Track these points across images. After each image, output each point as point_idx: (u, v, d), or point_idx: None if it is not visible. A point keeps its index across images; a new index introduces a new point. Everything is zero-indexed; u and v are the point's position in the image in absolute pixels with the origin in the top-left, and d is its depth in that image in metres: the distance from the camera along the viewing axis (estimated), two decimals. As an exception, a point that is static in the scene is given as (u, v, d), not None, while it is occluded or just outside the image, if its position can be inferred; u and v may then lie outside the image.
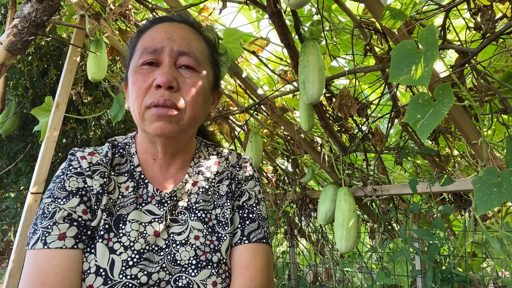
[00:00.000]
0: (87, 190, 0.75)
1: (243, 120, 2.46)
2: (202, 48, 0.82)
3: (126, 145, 0.85)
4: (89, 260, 0.70)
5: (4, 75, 1.72)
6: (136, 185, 0.79)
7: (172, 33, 0.79)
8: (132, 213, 0.76)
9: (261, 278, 0.78)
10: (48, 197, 0.74)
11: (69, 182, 0.75)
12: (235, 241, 0.81)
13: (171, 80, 0.73)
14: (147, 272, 0.72)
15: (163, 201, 0.79)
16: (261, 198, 0.88)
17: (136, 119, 0.77)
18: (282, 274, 3.01)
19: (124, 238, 0.73)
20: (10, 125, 2.91)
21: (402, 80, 1.02)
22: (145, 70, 0.76)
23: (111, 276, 0.69)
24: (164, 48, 0.76)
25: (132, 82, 0.77)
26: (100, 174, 0.77)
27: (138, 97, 0.75)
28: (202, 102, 0.79)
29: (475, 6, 1.20)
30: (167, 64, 0.75)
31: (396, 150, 1.97)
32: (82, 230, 0.72)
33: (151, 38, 0.78)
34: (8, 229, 4.75)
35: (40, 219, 0.71)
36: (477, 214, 1.53)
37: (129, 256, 0.72)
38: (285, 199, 2.55)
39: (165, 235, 0.77)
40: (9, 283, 1.73)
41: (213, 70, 0.85)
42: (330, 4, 1.58)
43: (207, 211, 0.82)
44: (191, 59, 0.78)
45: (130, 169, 0.81)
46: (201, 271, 0.75)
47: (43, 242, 0.69)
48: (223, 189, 0.85)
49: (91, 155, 0.79)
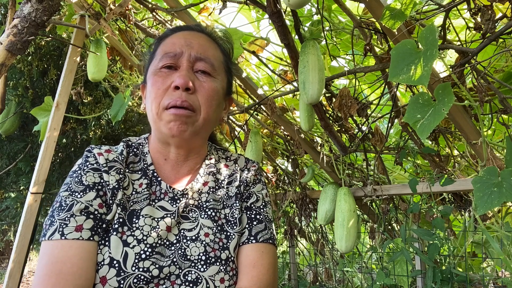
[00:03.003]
0: (103, 185, 0.78)
1: (243, 120, 2.46)
2: (218, 56, 0.88)
3: (139, 145, 0.89)
4: (103, 252, 0.73)
5: (4, 75, 1.71)
6: (150, 182, 0.83)
7: (191, 40, 0.85)
8: (145, 208, 0.79)
9: (267, 277, 0.81)
10: (66, 191, 0.76)
11: (86, 177, 0.78)
12: (242, 240, 0.84)
13: (188, 82, 0.78)
14: (158, 266, 0.74)
15: (176, 198, 0.83)
16: (268, 201, 0.92)
17: (153, 119, 0.81)
18: (282, 274, 3.01)
19: (137, 232, 0.76)
20: (10, 125, 2.91)
21: (402, 79, 1.02)
22: (164, 72, 0.82)
23: (124, 268, 0.72)
24: (183, 53, 0.82)
25: (151, 84, 0.82)
26: (116, 170, 0.80)
27: (156, 97, 0.80)
28: (216, 106, 0.84)
29: (475, 6, 1.20)
30: (185, 67, 0.81)
31: (396, 150, 1.97)
32: (97, 223, 0.74)
33: (171, 44, 0.84)
34: (8, 229, 4.75)
35: (58, 211, 0.74)
36: (477, 214, 1.53)
37: (142, 249, 0.74)
38: (285, 199, 2.55)
39: (176, 231, 0.80)
40: (9, 283, 1.73)
41: (227, 77, 0.91)
42: (330, 4, 1.58)
43: (217, 210, 0.85)
44: (207, 64, 0.84)
45: (143, 167, 0.85)
46: (210, 267, 0.77)
47: (60, 233, 0.71)
48: (233, 191, 0.88)
49: (107, 152, 0.83)
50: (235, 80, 2.16)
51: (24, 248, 1.79)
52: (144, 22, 2.13)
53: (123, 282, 0.71)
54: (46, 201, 3.21)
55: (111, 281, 0.70)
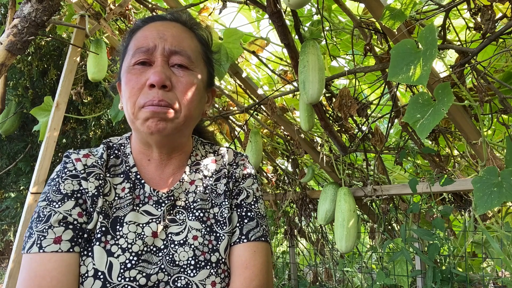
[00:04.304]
0: (83, 193, 0.74)
1: (243, 120, 2.46)
2: (195, 46, 0.81)
3: (121, 145, 0.84)
4: (86, 263, 0.70)
5: (4, 75, 1.72)
6: (133, 186, 0.78)
7: (164, 32, 0.78)
8: (129, 214, 0.75)
9: (260, 277, 0.78)
10: (43, 200, 0.73)
11: (64, 185, 0.74)
12: (233, 240, 0.80)
13: (164, 79, 0.72)
14: (145, 274, 0.71)
15: (161, 201, 0.79)
16: (259, 196, 0.87)
17: (130, 119, 0.76)
18: (282, 274, 3.01)
19: (122, 240, 0.72)
20: (10, 125, 2.92)
21: (401, 79, 1.02)
22: (137, 69, 0.75)
23: (110, 279, 0.69)
24: (157, 47, 0.76)
25: (125, 82, 0.76)
26: (95, 176, 0.76)
27: (131, 96, 0.74)
28: (197, 101, 0.79)
29: (475, 6, 1.20)
30: (159, 63, 0.75)
31: (396, 150, 1.97)
32: (77, 233, 0.71)
33: (143, 37, 0.78)
34: (8, 229, 4.75)
35: (36, 223, 0.71)
36: (477, 214, 1.53)
37: (127, 259, 0.71)
38: (285, 199, 2.55)
39: (163, 235, 0.76)
40: (9, 283, 1.73)
41: (206, 68, 0.84)
42: (330, 4, 1.58)
43: (205, 210, 0.81)
44: (184, 57, 0.77)
45: (125, 170, 0.80)
46: (200, 271, 0.74)
47: (38, 246, 0.68)
48: (221, 188, 0.84)
49: (86, 157, 0.78)
50: (235, 80, 2.16)
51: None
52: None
53: None
54: (46, 201, 3.21)
55: None
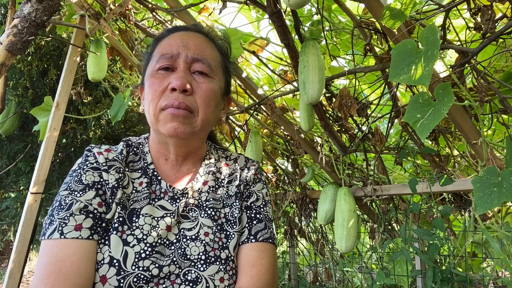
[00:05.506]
0: (103, 184, 0.78)
1: (243, 120, 2.46)
2: (216, 56, 0.88)
3: (139, 144, 0.89)
4: (103, 251, 0.73)
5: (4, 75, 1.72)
6: (150, 181, 0.83)
7: (187, 41, 0.84)
8: (146, 207, 0.79)
9: (267, 276, 0.81)
10: (65, 190, 0.77)
11: (86, 176, 0.78)
12: (242, 239, 0.84)
13: (185, 83, 0.78)
14: (158, 265, 0.74)
15: (176, 197, 0.83)
16: (268, 200, 0.92)
17: (151, 120, 0.82)
18: (282, 274, 3.01)
19: (137, 231, 0.76)
20: (10, 125, 2.91)
21: (402, 79, 1.02)
22: (161, 74, 0.81)
23: (124, 267, 0.72)
24: (180, 54, 0.82)
25: (149, 85, 0.82)
26: (116, 170, 0.80)
27: (153, 99, 0.80)
28: (214, 107, 0.84)
29: (475, 6, 1.20)
30: (182, 69, 0.81)
31: (396, 150, 1.97)
32: (97, 222, 0.75)
33: (168, 45, 0.84)
34: (8, 229, 4.75)
35: (57, 211, 0.74)
36: (477, 214, 1.53)
37: (142, 249, 0.74)
38: (285, 199, 2.55)
39: (176, 230, 0.80)
40: (9, 283, 1.73)
41: (224, 77, 0.90)
42: (330, 4, 1.58)
43: (217, 209, 0.85)
44: (205, 65, 0.83)
45: (143, 166, 0.85)
46: (209, 266, 0.78)
47: (60, 232, 0.71)
48: (232, 190, 0.89)
49: (107, 152, 0.83)
50: (235, 80, 2.16)
51: (24, 248, 1.79)
52: (144, 22, 2.13)
53: (123, 281, 0.71)
54: (46, 201, 3.21)
55: (111, 280, 0.71)
